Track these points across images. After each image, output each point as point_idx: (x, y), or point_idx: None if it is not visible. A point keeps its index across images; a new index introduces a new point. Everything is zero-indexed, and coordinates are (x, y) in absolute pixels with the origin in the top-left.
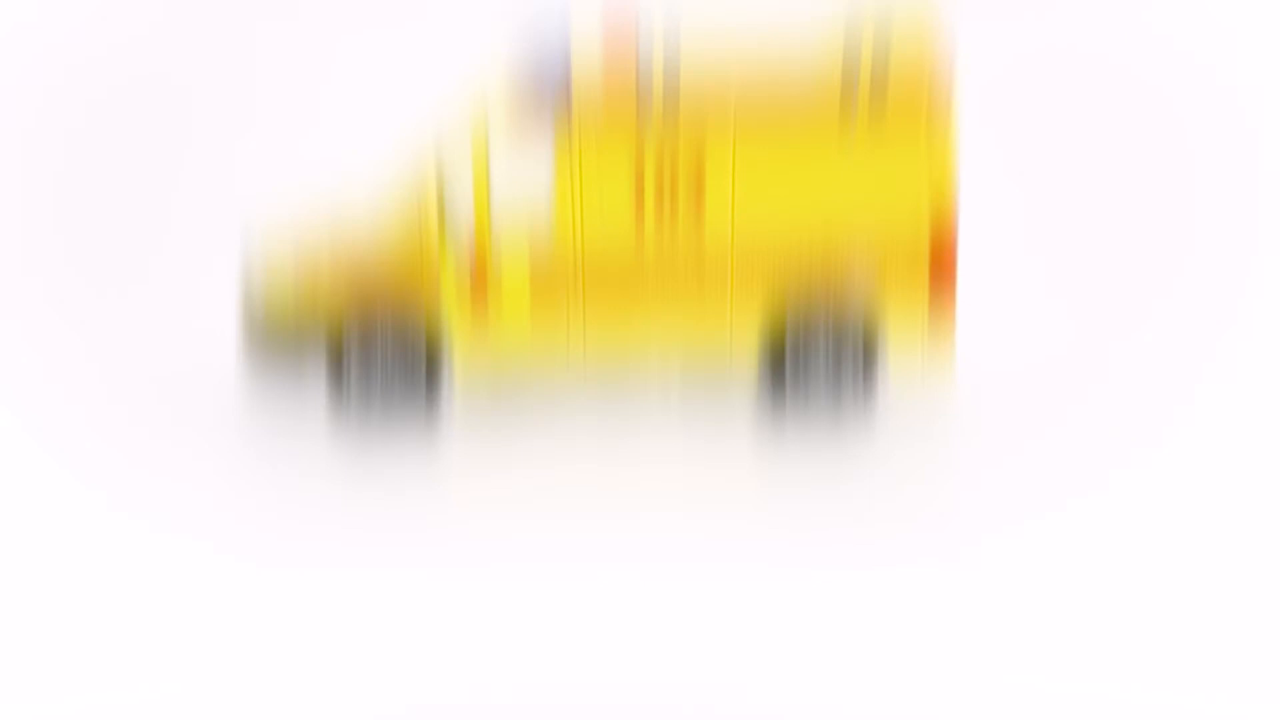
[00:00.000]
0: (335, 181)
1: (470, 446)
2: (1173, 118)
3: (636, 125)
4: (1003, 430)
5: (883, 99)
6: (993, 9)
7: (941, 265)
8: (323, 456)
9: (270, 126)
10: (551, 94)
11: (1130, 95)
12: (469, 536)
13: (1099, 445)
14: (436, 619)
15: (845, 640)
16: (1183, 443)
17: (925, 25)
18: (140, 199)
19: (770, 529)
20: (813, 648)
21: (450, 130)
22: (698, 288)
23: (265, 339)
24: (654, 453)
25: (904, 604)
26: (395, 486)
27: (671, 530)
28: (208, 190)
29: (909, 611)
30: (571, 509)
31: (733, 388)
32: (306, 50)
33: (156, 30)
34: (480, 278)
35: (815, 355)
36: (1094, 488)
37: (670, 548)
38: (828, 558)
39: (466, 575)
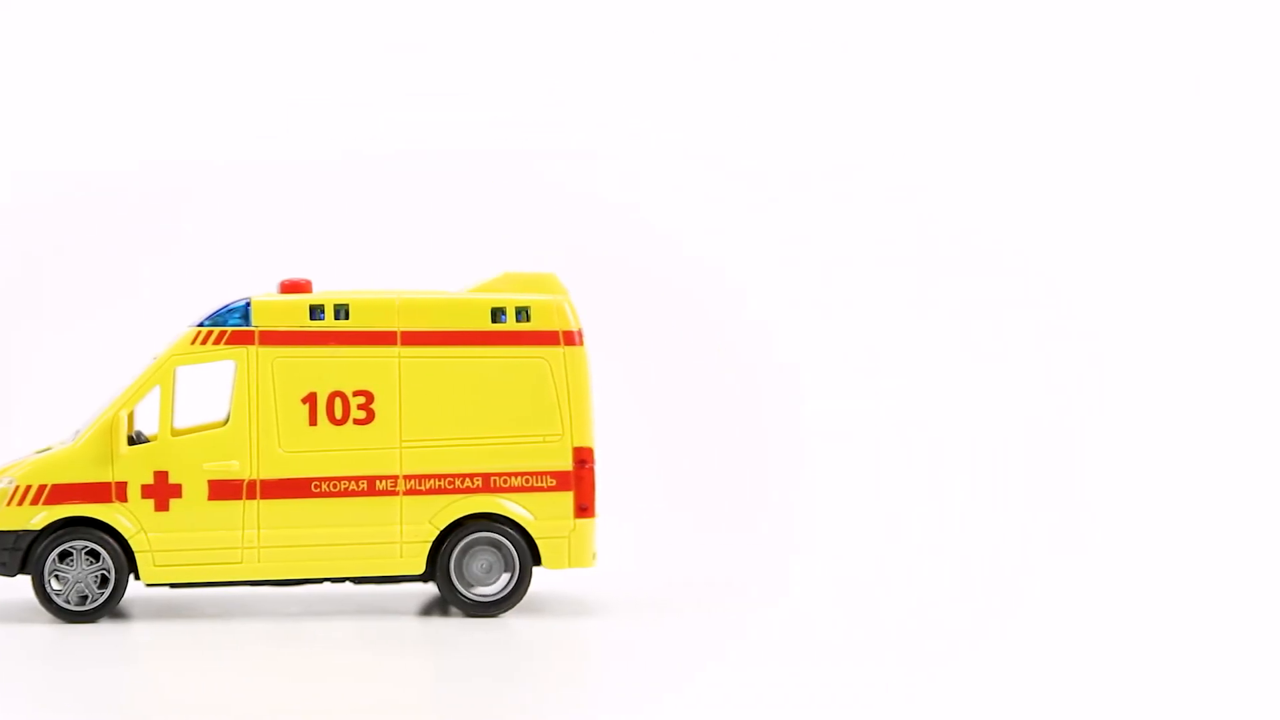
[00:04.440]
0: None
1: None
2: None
3: (311, 348)
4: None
5: (525, 333)
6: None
7: (583, 471)
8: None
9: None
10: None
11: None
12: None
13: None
14: None
15: None
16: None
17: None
18: None
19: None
20: None
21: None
22: (369, 494)
23: None
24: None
25: None
26: (84, 662)
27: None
28: None
29: None
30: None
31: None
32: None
33: None
34: (162, 484)
35: (476, 554)
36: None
37: None
38: None
39: None
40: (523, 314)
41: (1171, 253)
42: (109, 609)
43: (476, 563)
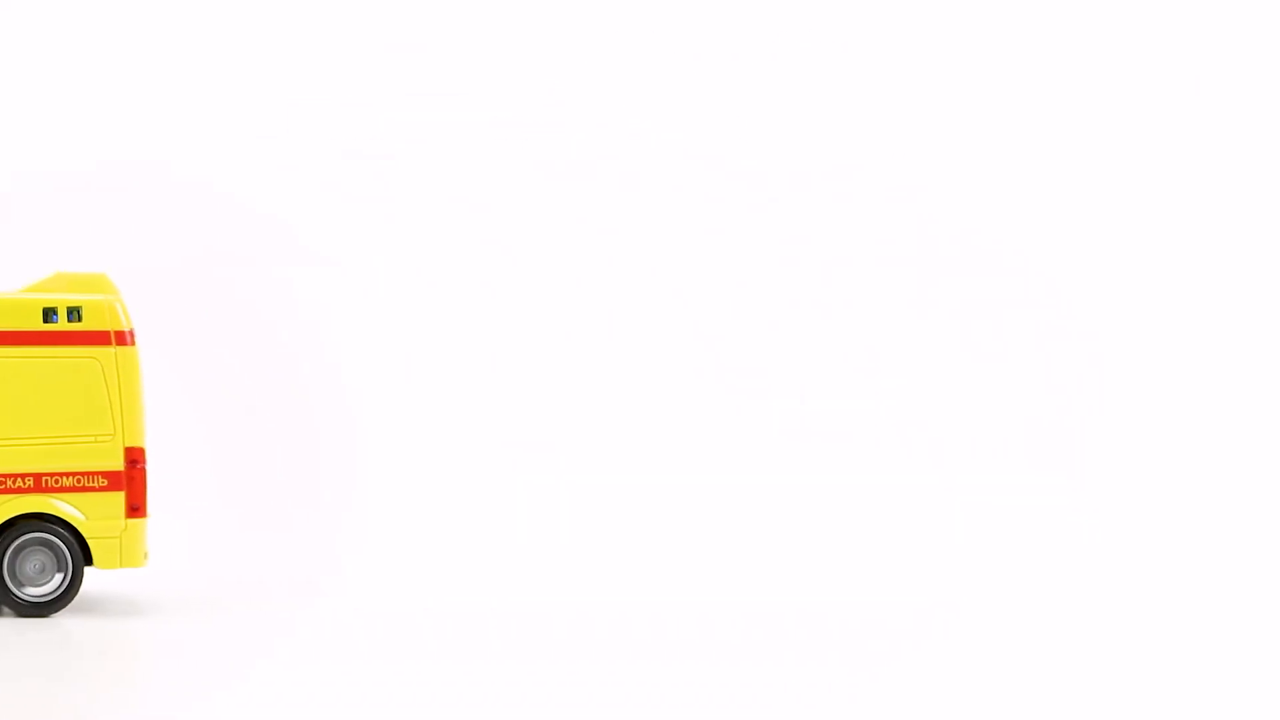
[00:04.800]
0: None
1: None
2: None
3: None
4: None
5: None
6: None
7: (134, 471)
8: None
9: None
10: None
11: None
12: None
13: None
14: None
15: None
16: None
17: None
18: None
19: None
20: None
21: None
22: None
23: None
24: None
25: None
26: None
27: None
28: None
29: None
30: None
31: None
32: None
33: None
34: None
35: (28, 555)
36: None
37: None
38: None
39: None
40: (74, 314)
41: (1171, 252)
42: None
43: (29, 563)
